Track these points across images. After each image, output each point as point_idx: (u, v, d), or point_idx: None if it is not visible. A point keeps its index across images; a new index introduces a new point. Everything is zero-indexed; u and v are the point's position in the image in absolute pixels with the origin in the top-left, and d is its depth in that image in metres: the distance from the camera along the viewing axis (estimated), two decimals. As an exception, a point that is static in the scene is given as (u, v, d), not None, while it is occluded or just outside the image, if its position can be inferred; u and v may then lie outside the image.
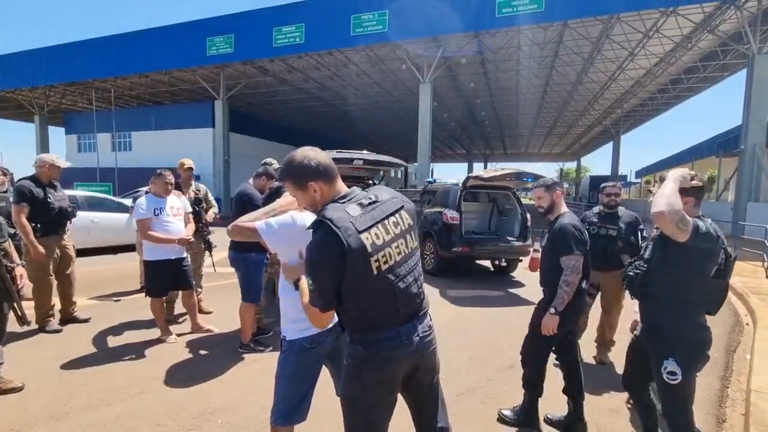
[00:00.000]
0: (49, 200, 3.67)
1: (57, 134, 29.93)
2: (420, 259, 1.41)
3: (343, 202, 1.25)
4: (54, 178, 3.83)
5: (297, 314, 1.53)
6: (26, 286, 4.19)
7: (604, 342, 3.43)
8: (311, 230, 1.22)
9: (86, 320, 4.02)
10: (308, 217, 1.53)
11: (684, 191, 1.72)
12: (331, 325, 1.63)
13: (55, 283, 3.85)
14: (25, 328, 3.53)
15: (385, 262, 1.23)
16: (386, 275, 1.23)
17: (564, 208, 2.42)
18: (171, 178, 3.65)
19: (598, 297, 3.43)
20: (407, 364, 1.31)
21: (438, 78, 17.49)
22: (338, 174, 1.34)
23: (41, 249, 3.59)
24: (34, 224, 3.58)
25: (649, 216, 1.73)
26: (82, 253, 6.19)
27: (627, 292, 2.17)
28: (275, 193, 1.74)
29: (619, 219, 3.28)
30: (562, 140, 41.99)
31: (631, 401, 2.72)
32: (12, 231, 2.51)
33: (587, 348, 3.53)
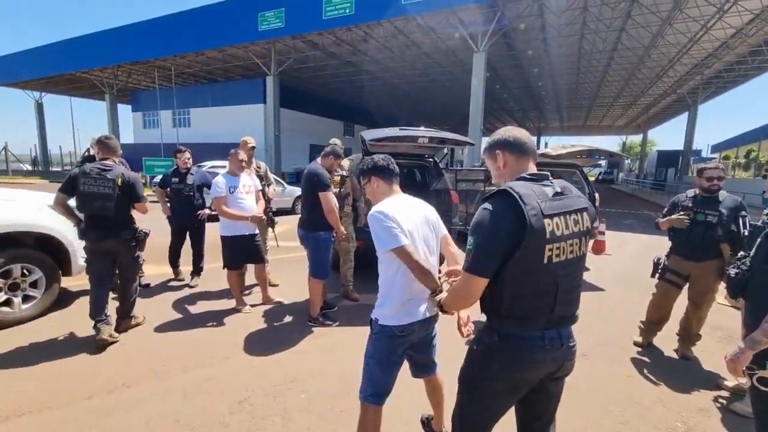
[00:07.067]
0: None
1: (125, 112, 32.34)
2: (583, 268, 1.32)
3: (533, 182, 1.22)
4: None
5: (395, 304, 1.63)
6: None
7: (689, 336, 3.16)
8: (487, 200, 1.19)
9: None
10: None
11: None
12: (425, 318, 1.66)
13: None
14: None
15: (557, 255, 1.17)
16: (555, 268, 1.17)
17: None
18: (244, 156, 3.79)
19: (685, 288, 3.15)
20: (545, 370, 1.27)
21: (492, 46, 16.48)
22: (532, 155, 1.31)
23: None
24: None
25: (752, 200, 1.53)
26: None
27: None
28: None
29: (719, 204, 2.89)
30: (627, 111, 38.46)
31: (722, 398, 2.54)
32: None
33: (668, 341, 3.31)
